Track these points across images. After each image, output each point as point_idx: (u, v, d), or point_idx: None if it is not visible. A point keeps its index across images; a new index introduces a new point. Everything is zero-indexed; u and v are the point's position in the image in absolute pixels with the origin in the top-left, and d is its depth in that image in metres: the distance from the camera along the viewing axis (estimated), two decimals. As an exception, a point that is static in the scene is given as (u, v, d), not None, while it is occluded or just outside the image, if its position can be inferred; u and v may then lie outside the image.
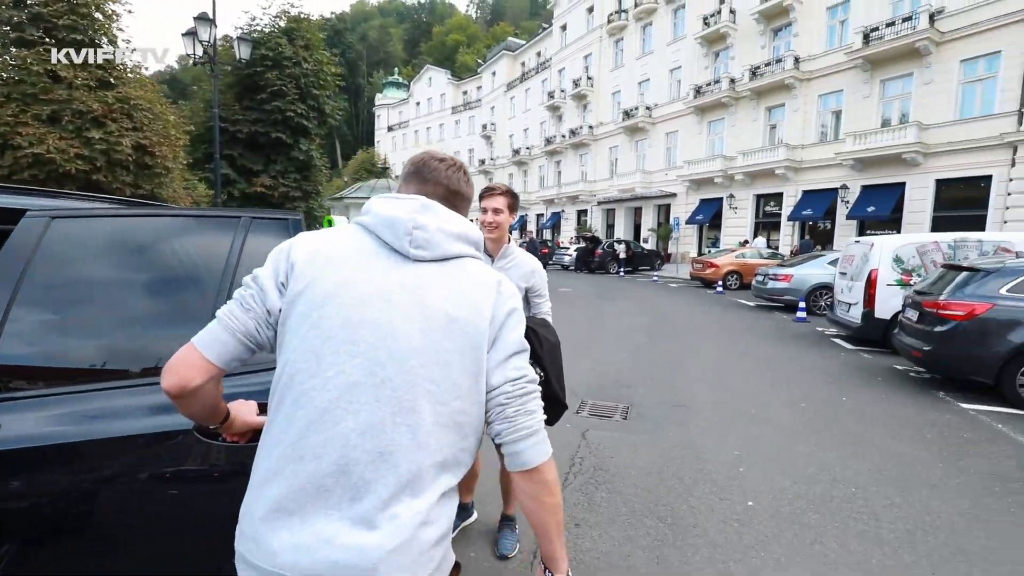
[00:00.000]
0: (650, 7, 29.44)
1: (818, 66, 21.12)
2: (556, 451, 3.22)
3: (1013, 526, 2.86)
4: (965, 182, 17.10)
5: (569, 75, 36.65)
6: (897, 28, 18.04)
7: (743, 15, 23.85)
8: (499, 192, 2.31)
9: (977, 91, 16.86)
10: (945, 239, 7.12)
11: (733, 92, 24.12)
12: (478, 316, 0.91)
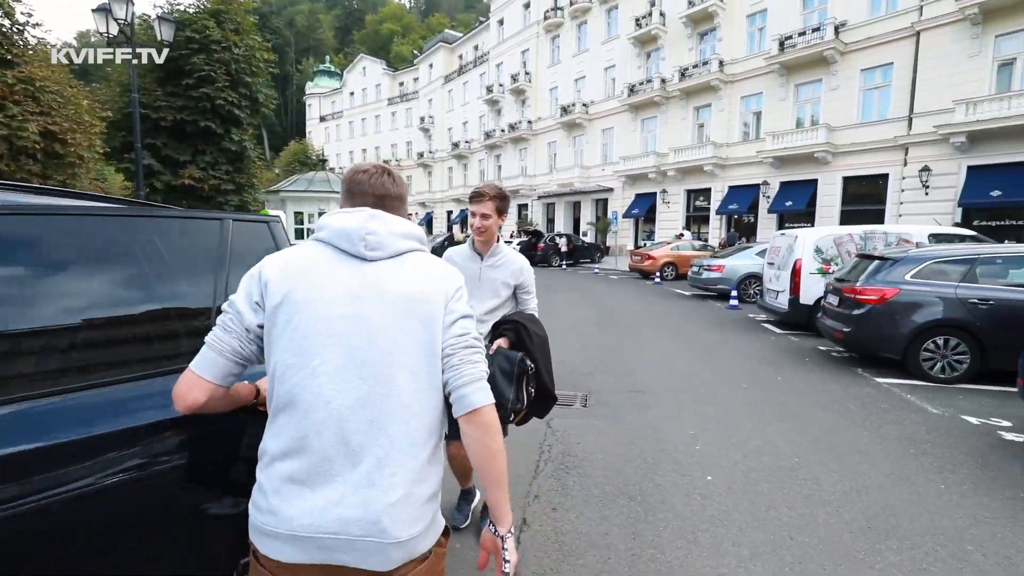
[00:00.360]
0: (585, 6, 30.11)
1: (740, 69, 22.52)
2: (524, 441, 3.35)
3: (927, 482, 3.28)
4: (867, 179, 18.92)
5: (507, 70, 36.78)
6: (808, 37, 19.60)
7: (672, 18, 24.96)
8: (487, 197, 2.37)
9: (875, 97, 18.69)
10: (857, 231, 7.90)
11: (664, 92, 25.20)
12: (433, 294, 1.07)
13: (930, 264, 5.61)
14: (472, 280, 2.49)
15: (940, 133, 16.11)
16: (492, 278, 2.50)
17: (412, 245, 1.13)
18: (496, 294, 2.51)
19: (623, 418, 4.45)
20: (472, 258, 2.52)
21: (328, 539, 0.94)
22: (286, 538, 0.96)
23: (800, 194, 20.39)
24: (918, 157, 17.08)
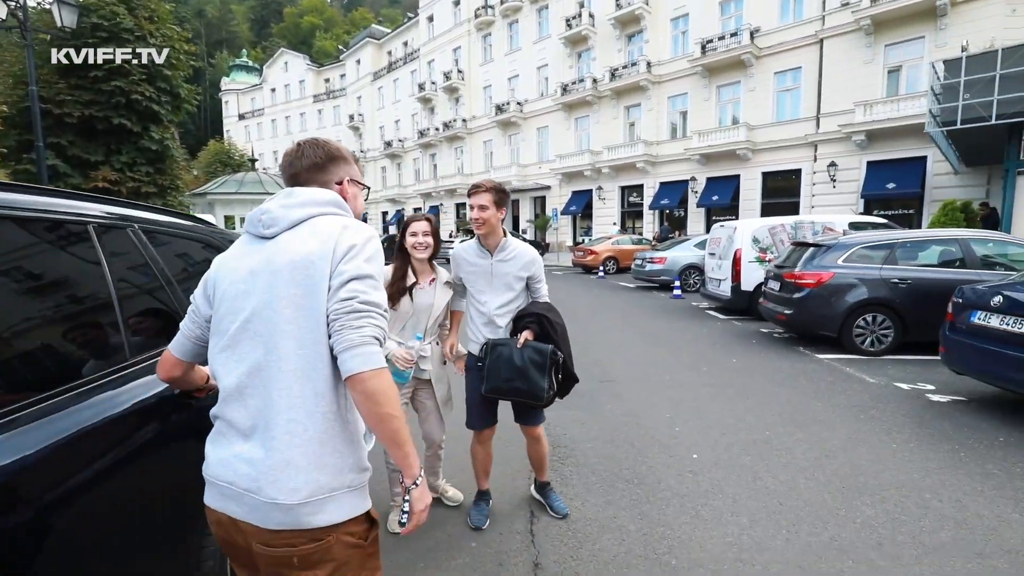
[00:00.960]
0: (515, 5, 30.38)
1: (667, 71, 23.66)
2: (511, 436, 3.37)
3: (880, 443, 3.66)
4: (783, 174, 20.54)
5: (439, 67, 36.38)
6: (727, 42, 20.94)
7: (601, 20, 25.75)
8: (483, 189, 2.38)
9: (788, 99, 20.31)
10: (789, 222, 8.59)
11: (596, 91, 25.97)
12: (316, 257, 1.07)
13: (858, 249, 6.22)
14: (484, 276, 2.54)
15: (843, 132, 17.80)
16: (504, 272, 2.51)
17: (310, 212, 1.14)
18: (510, 288, 2.53)
19: (601, 407, 4.59)
20: (481, 254, 2.53)
21: (225, 487, 1.07)
22: (207, 482, 1.12)
23: (725, 189, 21.77)
24: (826, 154, 18.77)
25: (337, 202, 1.20)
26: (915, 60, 16.83)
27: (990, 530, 2.58)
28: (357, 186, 1.31)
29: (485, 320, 2.56)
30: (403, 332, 2.55)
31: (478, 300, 2.57)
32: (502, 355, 2.45)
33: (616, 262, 17.83)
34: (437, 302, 2.57)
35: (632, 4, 23.76)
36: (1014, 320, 3.89)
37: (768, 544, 2.50)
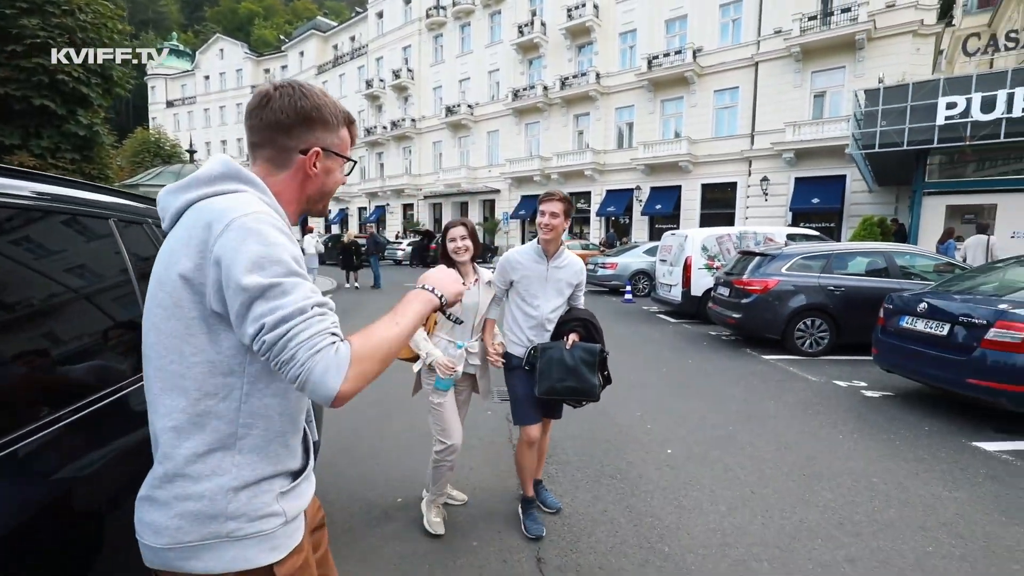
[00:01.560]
0: (467, 8, 30.42)
1: (615, 82, 24.52)
2: (491, 438, 3.50)
3: (828, 435, 4.04)
4: (720, 187, 21.82)
5: (388, 65, 35.75)
6: (671, 59, 22.03)
7: (553, 29, 26.31)
8: (557, 198, 2.49)
9: (726, 116, 21.62)
10: (734, 232, 9.19)
11: (546, 98, 26.47)
12: (174, 267, 0.86)
13: (799, 259, 6.79)
14: (539, 280, 2.62)
15: (775, 149, 19.20)
16: (558, 278, 2.61)
17: (189, 197, 0.91)
18: (560, 294, 2.64)
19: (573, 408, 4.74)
20: (538, 260, 2.61)
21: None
22: None
23: (667, 199, 22.83)
24: (759, 169, 20.16)
25: (230, 174, 0.93)
26: (837, 87, 18.45)
27: (928, 507, 2.94)
28: (334, 159, 1.04)
29: (534, 323, 2.63)
30: (453, 332, 2.63)
31: (530, 304, 2.63)
32: (552, 357, 2.53)
33: (567, 266, 18.23)
34: (482, 301, 2.66)
35: (583, 16, 24.45)
36: (935, 324, 4.42)
37: (747, 529, 2.72)
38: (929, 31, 17.29)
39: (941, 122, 11.10)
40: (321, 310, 0.84)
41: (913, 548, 2.54)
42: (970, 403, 4.51)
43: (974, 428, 4.14)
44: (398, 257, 25.24)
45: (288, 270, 0.84)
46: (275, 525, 0.92)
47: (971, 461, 3.54)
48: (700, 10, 21.66)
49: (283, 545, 0.94)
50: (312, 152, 0.99)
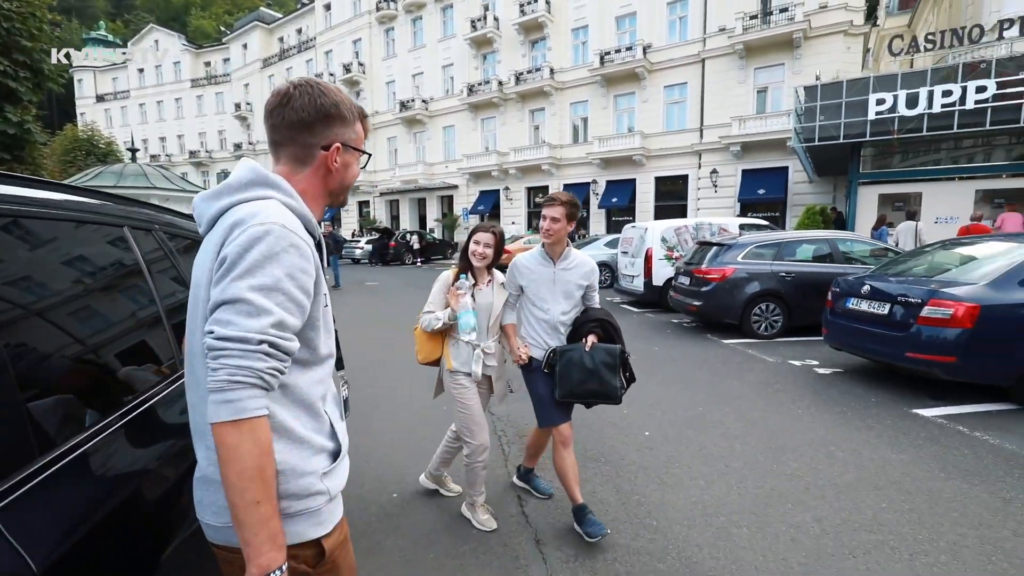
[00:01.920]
0: (419, 2, 30.00)
1: (569, 78, 24.85)
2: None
3: (789, 411, 4.36)
4: (673, 179, 22.57)
5: (338, 59, 34.79)
6: (622, 55, 22.53)
7: (506, 24, 26.34)
8: (559, 203, 2.48)
9: (676, 110, 22.34)
10: (691, 223, 9.60)
11: (501, 93, 26.52)
12: (202, 274, 0.95)
13: (753, 248, 7.20)
14: (546, 283, 2.61)
15: (723, 143, 20.03)
16: (566, 280, 2.60)
17: (222, 204, 0.97)
18: (570, 296, 2.63)
19: (551, 397, 4.89)
20: (544, 262, 2.62)
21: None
22: None
23: (623, 192, 23.42)
24: (709, 162, 20.98)
25: (258, 180, 0.99)
26: (778, 83, 19.43)
27: (879, 468, 3.26)
28: (351, 153, 1.11)
29: (548, 327, 2.64)
30: (469, 332, 2.63)
31: (539, 308, 2.63)
32: (572, 360, 2.51)
33: (529, 261, 18.44)
34: (496, 301, 2.67)
35: (535, 12, 24.61)
36: (877, 304, 4.83)
37: (725, 500, 2.94)
38: (858, 31, 18.47)
39: (872, 117, 11.95)
40: (268, 351, 0.86)
41: (870, 505, 2.83)
42: (909, 375, 4.96)
43: (913, 397, 4.57)
44: (356, 256, 24.76)
45: (268, 289, 0.87)
46: (320, 503, 1.01)
47: (912, 426, 3.93)
48: (648, 7, 22.24)
49: (328, 520, 1.03)
50: (333, 148, 1.05)
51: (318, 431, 1.05)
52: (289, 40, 39.61)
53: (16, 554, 0.78)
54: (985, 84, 10.85)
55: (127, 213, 1.54)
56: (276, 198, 0.97)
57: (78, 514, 0.94)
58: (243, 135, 42.34)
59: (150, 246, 1.61)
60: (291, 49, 38.95)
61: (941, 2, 20.88)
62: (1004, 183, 12.00)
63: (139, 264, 1.48)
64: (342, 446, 1.11)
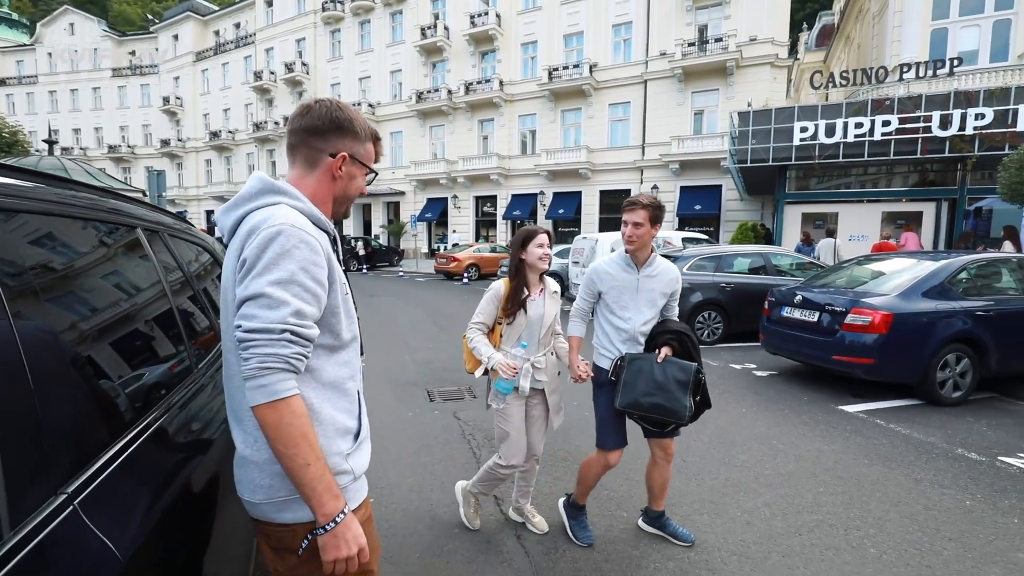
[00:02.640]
0: (367, 5, 29.60)
1: (518, 91, 25.36)
2: (446, 436, 3.75)
3: (735, 410, 4.75)
4: (616, 193, 23.47)
5: (280, 57, 33.58)
6: (570, 72, 23.31)
7: (456, 34, 26.54)
8: (640, 206, 2.34)
9: (620, 128, 23.35)
10: (638, 236, 10.09)
11: (451, 102, 26.63)
12: (229, 276, 1.07)
13: (696, 260, 7.72)
14: (629, 291, 2.46)
15: (663, 160, 21.15)
16: (650, 288, 2.45)
17: (238, 214, 1.09)
18: (653, 304, 2.47)
19: (514, 401, 5.04)
20: (627, 269, 2.47)
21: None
22: None
23: (569, 203, 24.11)
24: (650, 177, 22.06)
25: (265, 189, 1.10)
26: (713, 107, 20.81)
27: (815, 459, 3.65)
28: (357, 166, 1.19)
29: (625, 337, 2.49)
30: (519, 346, 2.52)
31: (619, 316, 2.49)
32: (641, 369, 2.37)
33: (478, 269, 18.56)
34: (548, 311, 2.54)
35: (486, 24, 24.98)
36: (808, 312, 5.37)
37: (685, 491, 3.20)
38: (783, 64, 20.17)
39: (797, 143, 13.11)
40: (291, 338, 0.96)
41: (810, 490, 3.18)
42: (836, 375, 5.52)
43: (839, 395, 5.11)
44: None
45: (285, 283, 0.97)
46: (346, 481, 1.10)
47: (840, 421, 4.41)
48: (595, 28, 23.19)
49: (354, 497, 1.13)
50: (340, 156, 1.15)
51: (346, 411, 1.15)
52: (226, 34, 37.76)
53: (102, 544, 0.81)
54: (889, 119, 12.22)
55: (140, 214, 1.55)
56: (284, 203, 1.08)
57: (147, 502, 0.98)
58: (172, 131, 39.79)
59: (160, 248, 1.62)
60: (228, 44, 37.14)
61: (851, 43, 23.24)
62: (904, 206, 13.53)
63: (154, 265, 1.50)
64: (365, 426, 1.21)
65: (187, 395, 1.40)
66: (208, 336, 1.81)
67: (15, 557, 0.67)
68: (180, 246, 1.87)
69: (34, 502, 0.74)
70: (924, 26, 15.95)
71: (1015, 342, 4.99)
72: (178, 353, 1.46)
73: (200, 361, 1.63)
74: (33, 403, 0.77)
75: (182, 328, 1.55)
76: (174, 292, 1.58)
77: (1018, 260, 5.63)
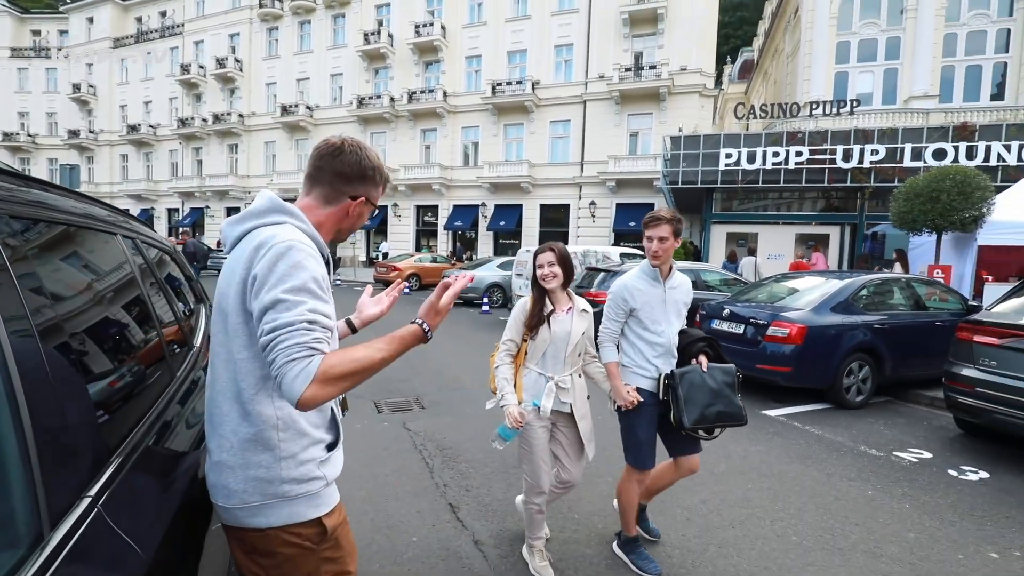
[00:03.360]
0: (308, 6, 28.79)
1: (461, 103, 25.54)
2: (398, 448, 3.91)
3: (670, 416, 5.07)
4: (556, 207, 24.17)
5: (210, 51, 31.82)
6: (513, 87, 23.81)
7: (400, 42, 26.36)
8: (664, 221, 2.37)
9: (560, 144, 24.10)
10: (579, 250, 10.49)
11: (394, 110, 26.33)
12: (228, 285, 1.12)
13: (635, 274, 8.14)
14: (658, 304, 2.49)
15: (600, 177, 22.04)
16: (675, 300, 2.51)
17: (244, 227, 1.17)
18: (680, 315, 2.54)
19: (463, 411, 5.11)
20: (654, 283, 2.49)
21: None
22: None
23: (510, 216, 24.48)
24: (588, 194, 22.89)
25: (275, 208, 1.18)
26: (647, 130, 22.01)
27: (742, 459, 4.00)
28: (368, 207, 1.31)
29: (662, 351, 2.49)
30: (543, 360, 2.48)
31: (652, 331, 2.48)
32: (695, 382, 2.38)
33: (419, 279, 18.38)
34: (575, 329, 2.48)
35: (431, 35, 25.03)
36: (735, 325, 5.84)
37: (631, 492, 3.41)
38: (710, 93, 21.72)
39: (722, 167, 14.18)
40: (309, 326, 1.01)
41: (740, 487, 3.49)
42: (760, 382, 6.02)
43: (763, 400, 5.59)
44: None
45: (298, 289, 1.03)
46: (318, 487, 1.17)
47: (764, 424, 4.84)
48: (538, 47, 23.89)
49: (326, 502, 1.21)
50: (359, 200, 1.27)
51: (320, 423, 1.21)
52: (150, 22, 35.25)
53: (126, 544, 0.84)
54: (801, 150, 13.53)
55: (118, 220, 1.52)
56: (290, 223, 1.16)
57: (161, 501, 1.00)
58: (82, 121, 36.45)
59: (134, 254, 1.59)
60: (151, 32, 34.70)
61: (769, 78, 25.45)
62: (814, 229, 14.96)
63: (134, 272, 1.48)
64: (339, 438, 1.29)
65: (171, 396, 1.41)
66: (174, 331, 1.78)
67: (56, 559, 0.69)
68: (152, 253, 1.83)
69: (65, 506, 0.76)
70: (829, 68, 17.86)
71: (905, 351, 5.70)
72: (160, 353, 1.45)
73: (176, 362, 1.61)
74: (62, 410, 0.79)
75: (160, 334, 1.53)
76: (152, 297, 1.56)
77: (906, 280, 6.45)
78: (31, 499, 0.69)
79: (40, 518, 0.70)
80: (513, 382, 2.46)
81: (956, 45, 17.35)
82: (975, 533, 3.00)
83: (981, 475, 3.85)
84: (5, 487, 0.68)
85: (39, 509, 0.70)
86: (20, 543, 0.67)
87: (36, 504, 0.70)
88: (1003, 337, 4.06)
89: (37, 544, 0.68)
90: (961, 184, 8.12)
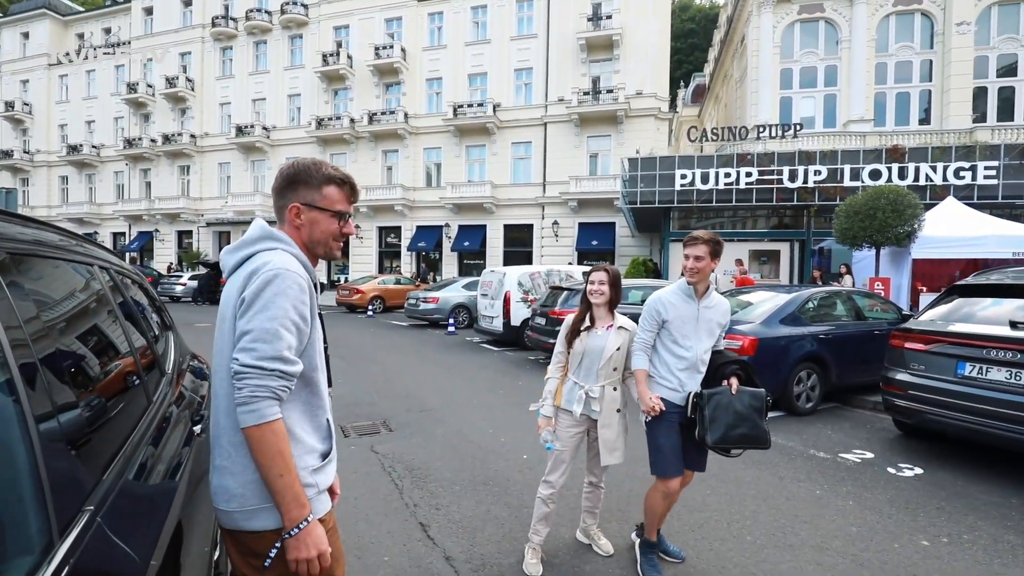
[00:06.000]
0: (264, 26, 28.48)
1: (423, 124, 25.71)
2: (367, 470, 3.97)
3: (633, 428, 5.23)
4: (520, 227, 24.48)
5: (160, 70, 30.90)
6: (475, 109, 24.19)
7: (360, 64, 26.39)
8: (702, 241, 2.50)
9: (522, 165, 24.55)
10: (543, 270, 10.72)
11: (354, 131, 26.20)
12: (227, 308, 1.23)
13: (596, 292, 8.38)
14: (690, 321, 2.58)
15: (563, 197, 22.54)
16: (709, 319, 2.59)
17: (243, 253, 1.27)
18: (711, 334, 2.62)
19: (431, 432, 5.12)
20: (688, 300, 2.59)
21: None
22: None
23: (474, 236, 24.62)
24: (551, 214, 23.34)
25: (265, 235, 1.27)
26: (606, 151, 22.75)
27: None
28: (315, 211, 1.31)
29: (686, 365, 2.58)
30: (579, 370, 2.70)
31: (681, 345, 2.58)
32: (720, 403, 2.46)
33: (383, 301, 18.16)
34: (609, 345, 2.63)
35: (391, 57, 25.20)
36: (692, 339, 6.10)
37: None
38: (665, 116, 22.72)
39: (678, 188, 14.83)
40: (279, 373, 1.14)
41: (700, 492, 3.66)
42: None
43: (718, 411, 5.83)
44: (176, 293, 21.66)
45: (278, 319, 1.14)
46: (311, 494, 1.24)
47: (720, 433, 5.06)
48: (498, 70, 24.44)
49: (318, 509, 1.26)
50: (291, 207, 1.31)
51: (314, 433, 1.30)
52: (93, 39, 33.99)
53: (125, 554, 0.89)
54: (751, 171, 14.33)
55: (94, 252, 1.55)
56: (280, 248, 1.26)
57: (155, 511, 1.05)
58: (16, 141, 34.53)
59: (110, 285, 1.62)
60: (95, 49, 33.38)
61: (720, 102, 26.84)
62: (766, 245, 15.77)
63: (111, 303, 1.51)
64: (332, 448, 1.37)
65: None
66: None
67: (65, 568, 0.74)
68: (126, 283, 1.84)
69: (68, 518, 0.81)
70: (774, 93, 19.01)
71: (848, 360, 6.10)
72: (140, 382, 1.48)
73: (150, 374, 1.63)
74: (61, 425, 0.85)
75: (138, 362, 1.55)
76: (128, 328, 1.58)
77: (847, 292, 6.92)
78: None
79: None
80: (555, 392, 2.77)
81: (887, 73, 18.83)
82: (909, 524, 3.25)
83: (916, 471, 4.16)
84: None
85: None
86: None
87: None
88: (929, 343, 4.44)
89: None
90: (894, 202, 8.82)
